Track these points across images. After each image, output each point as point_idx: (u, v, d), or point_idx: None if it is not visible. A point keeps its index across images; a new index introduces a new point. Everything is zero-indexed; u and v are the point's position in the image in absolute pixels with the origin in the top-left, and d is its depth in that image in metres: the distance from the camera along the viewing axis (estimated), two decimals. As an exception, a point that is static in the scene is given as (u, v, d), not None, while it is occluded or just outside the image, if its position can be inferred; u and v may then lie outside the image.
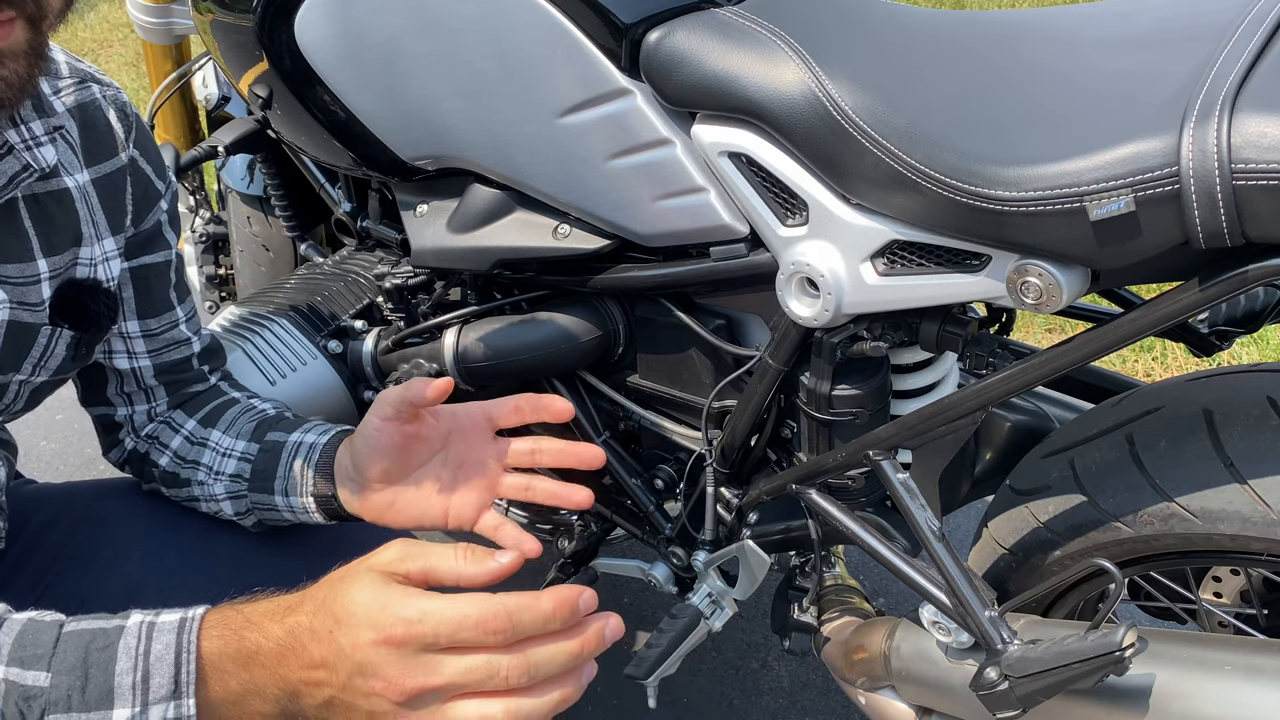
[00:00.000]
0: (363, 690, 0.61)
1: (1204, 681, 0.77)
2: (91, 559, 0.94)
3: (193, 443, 0.96)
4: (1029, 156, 0.73)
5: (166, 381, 0.98)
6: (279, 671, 0.63)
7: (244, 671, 0.63)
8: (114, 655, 0.63)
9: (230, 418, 0.97)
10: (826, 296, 0.89)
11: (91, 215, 0.86)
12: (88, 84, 0.87)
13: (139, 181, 0.90)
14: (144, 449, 0.99)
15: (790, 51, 0.86)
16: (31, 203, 0.81)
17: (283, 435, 0.93)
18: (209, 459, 0.95)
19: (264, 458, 0.92)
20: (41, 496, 1.01)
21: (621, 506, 1.28)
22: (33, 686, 0.61)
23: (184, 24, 1.69)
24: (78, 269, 0.85)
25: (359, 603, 0.62)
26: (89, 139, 0.85)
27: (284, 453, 0.91)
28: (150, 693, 0.62)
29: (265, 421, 0.96)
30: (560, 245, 1.09)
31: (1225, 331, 1.05)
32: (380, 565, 0.64)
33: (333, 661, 0.62)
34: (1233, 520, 0.78)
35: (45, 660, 0.62)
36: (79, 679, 0.62)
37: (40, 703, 0.61)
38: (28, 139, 0.77)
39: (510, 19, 0.97)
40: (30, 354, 0.83)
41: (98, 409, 0.99)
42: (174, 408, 1.00)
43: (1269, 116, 0.64)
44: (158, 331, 0.95)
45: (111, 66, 4.52)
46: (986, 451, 1.10)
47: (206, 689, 0.63)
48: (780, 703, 1.56)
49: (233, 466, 0.93)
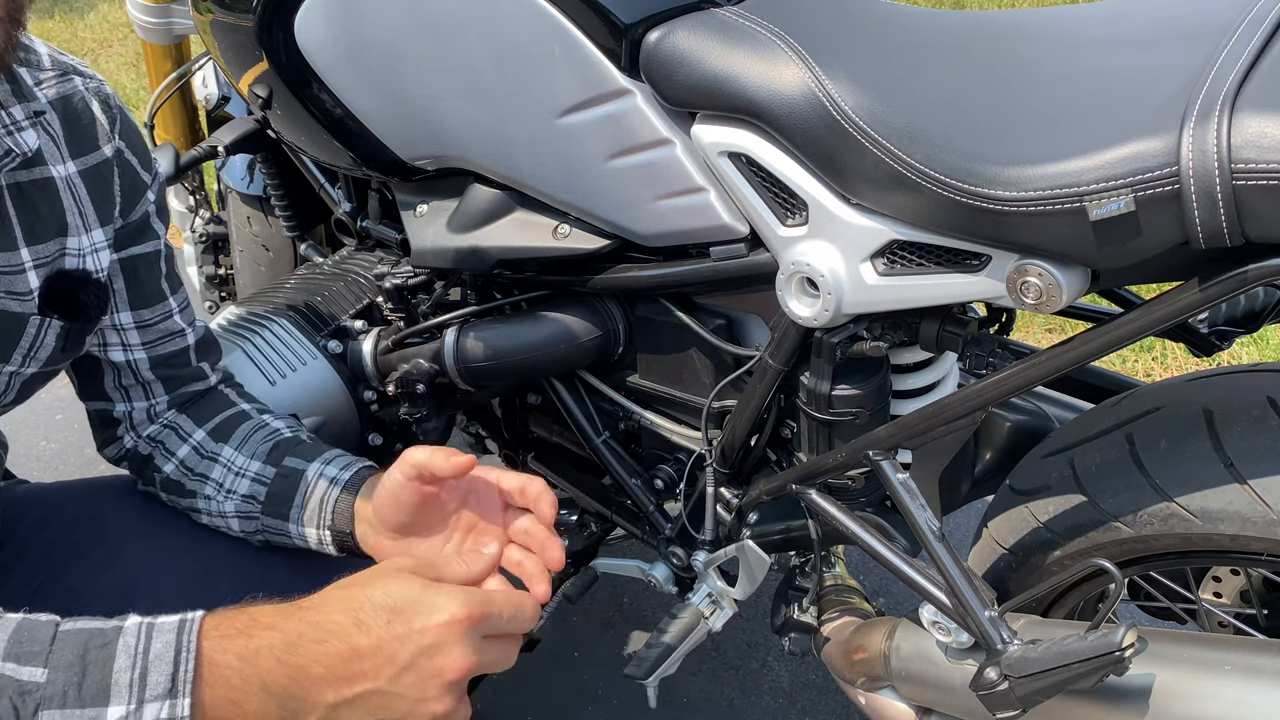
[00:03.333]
0: (424, 673, 0.64)
1: (1204, 681, 0.77)
2: (85, 558, 0.94)
3: (202, 455, 0.96)
4: (1029, 156, 0.73)
5: (164, 376, 0.97)
6: (292, 664, 0.63)
7: (247, 667, 0.63)
8: (113, 653, 0.63)
9: (243, 434, 0.97)
10: (826, 296, 0.89)
11: (79, 206, 0.85)
12: (70, 76, 0.86)
13: (126, 172, 0.90)
14: (146, 450, 0.98)
15: (790, 51, 0.86)
16: (14, 191, 0.80)
17: (301, 463, 0.92)
18: (219, 475, 0.94)
19: (281, 483, 0.92)
20: (33, 497, 1.00)
21: (621, 506, 1.28)
22: (28, 682, 0.61)
23: (184, 24, 1.69)
24: (66, 259, 0.85)
25: (414, 594, 0.66)
26: (72, 131, 0.85)
27: (302, 482, 0.91)
28: (147, 690, 0.62)
29: (282, 444, 0.95)
30: (560, 245, 1.09)
31: (1225, 331, 1.05)
32: (407, 567, 0.69)
33: (387, 649, 0.64)
34: (1233, 520, 0.78)
35: (42, 656, 0.62)
36: (76, 675, 0.62)
37: (35, 698, 0.61)
38: (8, 124, 0.77)
39: (510, 19, 0.97)
40: (20, 344, 0.83)
41: (95, 403, 0.99)
42: (176, 408, 0.99)
43: (1269, 116, 0.64)
44: (151, 322, 0.95)
45: (111, 66, 4.52)
46: (986, 451, 1.10)
47: (204, 688, 0.63)
48: (780, 703, 1.56)
49: (246, 487, 0.93)
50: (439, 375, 1.20)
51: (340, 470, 0.91)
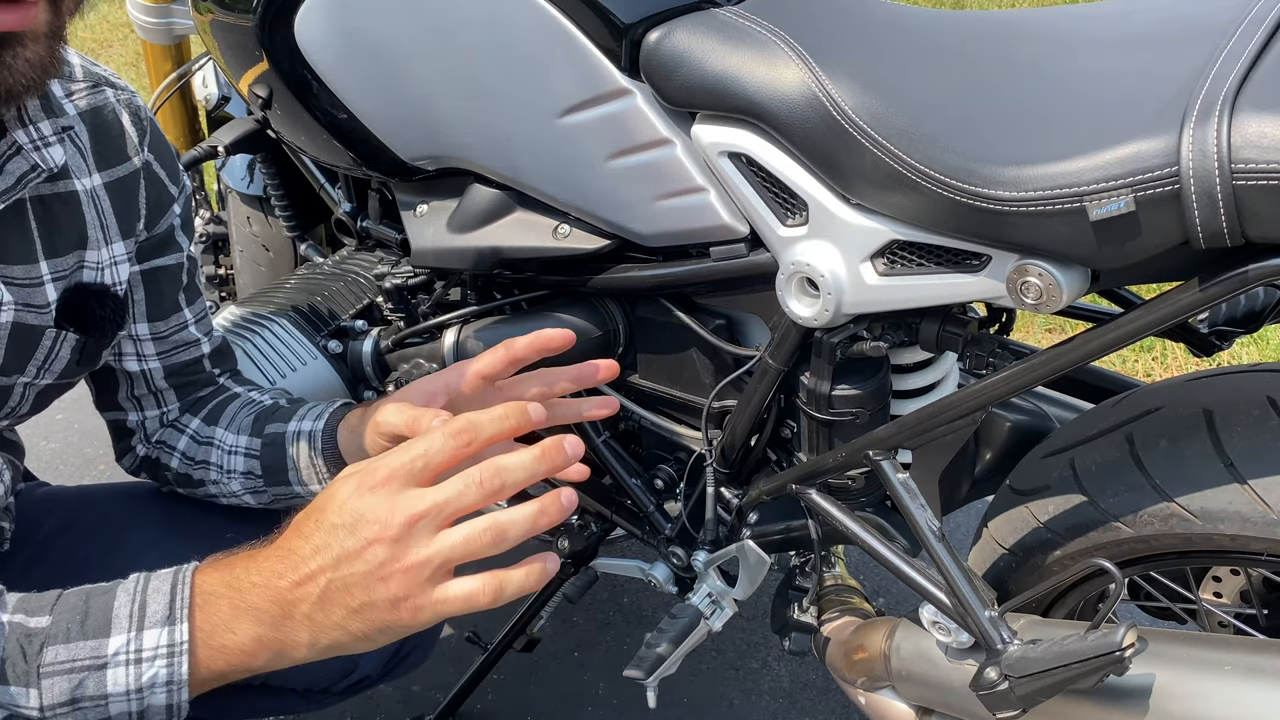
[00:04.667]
0: (358, 549, 0.63)
1: (1204, 681, 0.77)
2: (105, 564, 0.94)
3: (199, 442, 0.97)
4: (1029, 156, 0.73)
5: (177, 384, 0.98)
6: (263, 585, 0.65)
7: (235, 595, 0.65)
8: (114, 595, 0.67)
9: (231, 413, 0.98)
10: (826, 296, 0.89)
11: (101, 219, 0.86)
12: (101, 88, 0.87)
13: (153, 185, 0.90)
14: (154, 454, 0.99)
15: (790, 51, 0.86)
16: (37, 204, 0.81)
17: (281, 426, 0.94)
18: (216, 458, 0.96)
19: (269, 452, 0.93)
20: (55, 499, 1.01)
21: (621, 506, 1.28)
22: (35, 627, 0.65)
23: (184, 24, 1.69)
24: (84, 272, 0.85)
25: (334, 486, 0.66)
26: (100, 142, 0.85)
27: (287, 444, 0.92)
28: (145, 619, 0.65)
29: (262, 414, 0.96)
30: (560, 245, 1.09)
31: (1225, 331, 1.05)
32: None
33: (322, 540, 0.64)
34: (1233, 520, 0.78)
35: (48, 607, 0.66)
36: (79, 615, 0.65)
37: (40, 638, 0.64)
38: (36, 139, 0.77)
39: (510, 19, 0.97)
40: (34, 356, 0.83)
41: (111, 413, 1.00)
42: (184, 412, 1.00)
43: (1269, 116, 0.64)
44: (166, 334, 0.96)
45: (111, 66, 4.52)
46: (986, 451, 1.10)
47: (199, 615, 0.65)
48: (780, 703, 1.56)
49: (241, 464, 0.95)
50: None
51: (315, 422, 0.92)
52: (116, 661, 0.64)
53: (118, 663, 0.64)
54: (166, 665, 0.64)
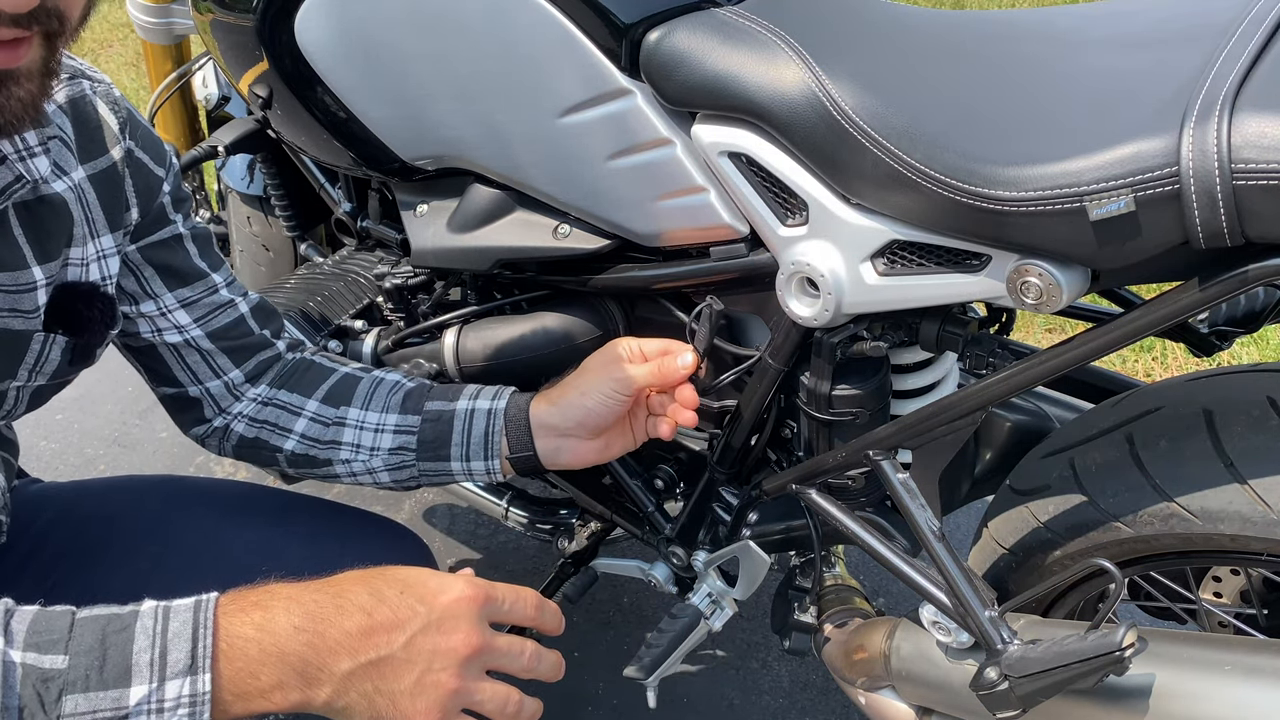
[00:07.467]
0: (438, 645, 0.68)
1: (1204, 681, 0.77)
2: (100, 556, 0.94)
3: (325, 423, 0.99)
4: (1029, 156, 0.73)
5: (227, 348, 0.98)
6: (310, 631, 0.65)
7: (265, 637, 0.65)
8: (131, 635, 0.65)
9: (364, 394, 1.00)
10: (826, 296, 0.89)
11: (88, 214, 0.85)
12: (78, 80, 0.86)
13: (138, 173, 0.90)
14: (251, 433, 1.00)
15: (790, 51, 0.86)
16: (22, 210, 0.80)
17: (446, 404, 0.99)
18: (351, 437, 0.98)
19: (431, 428, 0.98)
20: (49, 495, 1.01)
21: (621, 506, 1.28)
22: (50, 669, 0.63)
23: (184, 24, 1.69)
24: (69, 270, 0.84)
25: (424, 575, 0.71)
26: (82, 135, 0.85)
27: (456, 421, 0.97)
28: (168, 668, 0.64)
29: (413, 392, 1.01)
30: (560, 245, 1.09)
31: (1225, 331, 1.05)
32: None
33: (402, 617, 0.67)
34: (1233, 520, 0.78)
35: (62, 644, 0.63)
36: (97, 659, 0.63)
37: (58, 684, 0.62)
38: (21, 150, 0.77)
39: (510, 19, 0.97)
40: (25, 360, 0.83)
41: (166, 389, 1.00)
42: (253, 380, 1.00)
43: (1269, 116, 0.64)
44: (195, 299, 0.96)
45: (111, 66, 4.53)
46: (986, 451, 1.10)
47: (222, 662, 0.65)
48: (780, 703, 1.56)
49: (389, 441, 0.98)
50: (439, 375, 1.21)
51: (494, 401, 0.99)
52: (138, 712, 0.63)
53: (139, 713, 0.63)
54: (189, 715, 0.64)
